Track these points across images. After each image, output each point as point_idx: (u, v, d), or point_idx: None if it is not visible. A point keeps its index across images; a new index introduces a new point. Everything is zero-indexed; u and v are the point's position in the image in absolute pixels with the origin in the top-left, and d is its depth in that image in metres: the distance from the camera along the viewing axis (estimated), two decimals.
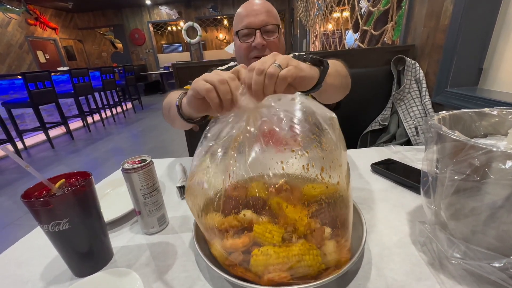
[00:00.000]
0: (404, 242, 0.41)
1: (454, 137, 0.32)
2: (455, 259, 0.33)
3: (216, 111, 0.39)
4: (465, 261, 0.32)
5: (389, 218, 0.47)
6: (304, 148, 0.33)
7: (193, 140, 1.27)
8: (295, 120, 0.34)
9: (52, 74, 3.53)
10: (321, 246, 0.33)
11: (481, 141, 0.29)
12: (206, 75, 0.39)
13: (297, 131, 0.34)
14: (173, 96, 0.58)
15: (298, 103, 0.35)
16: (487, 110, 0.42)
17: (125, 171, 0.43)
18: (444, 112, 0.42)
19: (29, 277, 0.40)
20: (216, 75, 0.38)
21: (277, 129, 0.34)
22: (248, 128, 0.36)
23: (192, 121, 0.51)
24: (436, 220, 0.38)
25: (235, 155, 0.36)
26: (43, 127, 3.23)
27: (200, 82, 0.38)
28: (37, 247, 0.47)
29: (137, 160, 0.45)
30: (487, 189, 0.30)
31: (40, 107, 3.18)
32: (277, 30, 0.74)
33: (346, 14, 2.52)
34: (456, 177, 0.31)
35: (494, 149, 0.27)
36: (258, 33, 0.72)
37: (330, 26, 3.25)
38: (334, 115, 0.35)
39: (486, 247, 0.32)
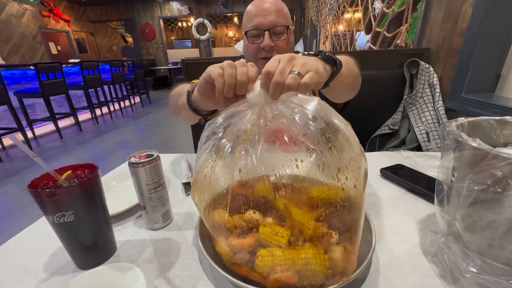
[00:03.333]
0: (414, 252, 0.39)
1: (475, 145, 0.30)
2: (470, 273, 0.31)
3: (220, 103, 0.39)
4: (480, 276, 0.30)
5: (398, 226, 0.45)
6: (318, 146, 0.32)
7: (199, 136, 1.27)
8: (310, 117, 0.33)
9: (63, 65, 3.58)
10: (329, 251, 0.32)
11: (505, 151, 0.28)
12: (221, 63, 0.39)
13: (312, 128, 0.32)
14: (184, 87, 0.58)
15: (314, 101, 0.34)
16: (508, 118, 0.40)
17: (132, 165, 0.43)
18: (462, 118, 0.40)
19: (32, 267, 0.40)
20: (228, 61, 0.38)
21: (291, 125, 0.33)
22: (260, 121, 0.35)
23: (198, 113, 0.50)
24: (450, 230, 0.37)
25: (245, 150, 0.34)
26: (53, 117, 3.29)
27: (215, 67, 0.38)
28: (42, 237, 0.47)
29: (144, 154, 0.45)
30: (509, 202, 0.28)
31: (50, 97, 3.23)
32: (286, 31, 0.73)
33: (359, 15, 2.48)
34: (475, 188, 0.30)
35: None
36: (266, 34, 0.71)
37: (341, 27, 3.20)
38: (347, 122, 0.34)
39: (504, 262, 0.30)
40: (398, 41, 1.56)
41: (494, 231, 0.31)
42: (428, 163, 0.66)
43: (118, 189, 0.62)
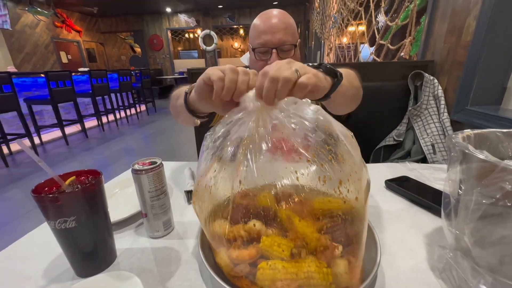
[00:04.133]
0: (421, 267, 0.38)
1: (483, 158, 0.29)
2: None
3: (216, 106, 0.39)
4: None
5: (404, 240, 0.44)
6: (318, 158, 0.32)
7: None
8: (310, 128, 0.33)
9: (73, 74, 3.68)
10: (332, 264, 0.31)
11: None
12: (222, 66, 0.38)
13: (312, 140, 0.32)
14: (184, 87, 0.57)
15: (314, 110, 0.34)
16: None
17: (135, 172, 0.43)
18: (469, 130, 0.40)
19: (31, 273, 0.40)
20: (230, 65, 0.38)
21: (291, 136, 0.33)
22: (260, 130, 0.35)
23: (195, 114, 0.50)
24: (458, 245, 0.36)
25: (246, 160, 0.34)
26: (60, 124, 3.35)
27: (215, 69, 0.38)
28: (42, 243, 0.46)
29: (147, 161, 0.45)
30: None
31: (59, 104, 3.30)
32: (293, 48, 0.74)
33: (362, 28, 2.52)
34: (484, 201, 0.29)
35: None
36: (274, 53, 0.71)
37: (345, 40, 3.25)
38: (350, 132, 0.34)
39: None
40: (402, 54, 1.57)
41: (505, 247, 0.30)
42: (434, 175, 0.65)
43: (121, 196, 0.61)
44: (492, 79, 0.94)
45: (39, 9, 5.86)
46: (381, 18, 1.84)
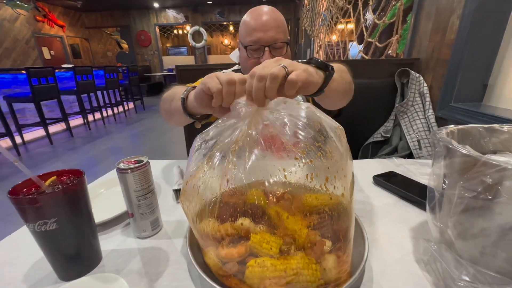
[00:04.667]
0: (407, 260, 0.39)
1: (465, 152, 0.30)
2: (463, 282, 0.31)
3: (216, 111, 0.39)
4: (473, 285, 0.30)
5: (391, 234, 0.45)
6: (307, 156, 0.32)
7: (192, 143, 1.26)
8: (300, 126, 0.33)
9: (56, 70, 3.54)
10: (321, 260, 0.32)
11: (494, 158, 0.28)
12: (220, 74, 0.38)
13: (301, 138, 0.32)
14: (178, 90, 0.57)
15: (303, 108, 0.34)
16: (496, 126, 0.40)
17: (120, 171, 0.41)
18: (452, 126, 0.41)
19: (11, 278, 0.38)
20: (228, 75, 0.37)
21: (280, 135, 0.33)
22: (250, 132, 0.35)
23: (193, 117, 0.51)
24: (442, 238, 0.37)
25: (234, 159, 0.34)
26: (43, 122, 3.22)
27: (214, 80, 0.38)
28: (23, 246, 0.44)
29: (133, 160, 0.44)
30: (499, 209, 0.28)
31: (41, 102, 3.17)
32: (285, 46, 0.74)
33: (351, 26, 2.54)
34: (466, 195, 0.30)
35: (509, 167, 0.26)
36: (267, 51, 0.71)
37: (334, 37, 3.28)
38: (340, 126, 0.34)
39: (497, 270, 0.30)
40: (389, 51, 1.60)
41: (486, 239, 0.31)
42: (420, 170, 0.66)
43: (106, 196, 0.60)
44: (474, 76, 0.97)
45: (18, 2, 5.59)
46: (369, 16, 1.87)
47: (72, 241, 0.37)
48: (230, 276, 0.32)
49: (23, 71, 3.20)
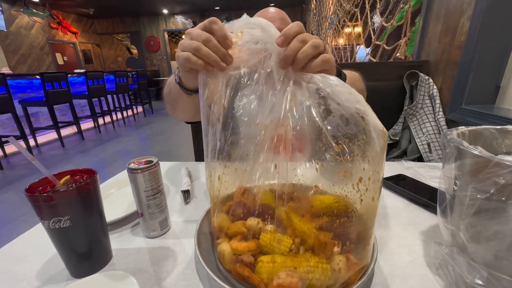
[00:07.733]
0: (418, 264, 0.38)
1: (477, 153, 0.30)
2: (476, 286, 0.30)
3: (207, 71, 0.35)
4: None
5: (401, 237, 0.44)
6: (342, 152, 0.30)
7: (200, 146, 1.27)
8: (344, 118, 0.30)
9: (69, 75, 3.65)
10: (331, 260, 0.31)
11: (507, 158, 0.27)
12: (181, 43, 0.36)
13: (341, 133, 0.30)
14: (171, 78, 0.55)
15: (354, 99, 0.30)
16: (510, 127, 0.40)
17: (131, 171, 0.42)
18: (463, 127, 0.40)
19: (25, 275, 0.39)
20: (188, 41, 0.35)
21: (316, 118, 0.30)
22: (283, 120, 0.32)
23: (194, 92, 0.48)
24: (454, 241, 0.36)
25: (252, 156, 0.33)
26: (56, 126, 3.32)
27: (179, 54, 0.35)
28: (37, 244, 0.46)
29: (143, 161, 0.45)
30: None
31: (54, 106, 3.27)
32: None
33: (358, 29, 2.54)
34: (478, 196, 0.29)
35: None
36: None
37: (341, 41, 3.27)
38: (384, 129, 0.31)
39: (511, 275, 0.29)
40: (398, 54, 1.58)
41: (500, 242, 0.30)
42: (430, 174, 0.65)
43: (117, 196, 0.61)
44: (486, 78, 0.95)
45: (34, 10, 5.82)
46: (377, 19, 1.86)
47: (84, 239, 0.38)
48: (243, 266, 0.32)
49: (38, 76, 3.32)
